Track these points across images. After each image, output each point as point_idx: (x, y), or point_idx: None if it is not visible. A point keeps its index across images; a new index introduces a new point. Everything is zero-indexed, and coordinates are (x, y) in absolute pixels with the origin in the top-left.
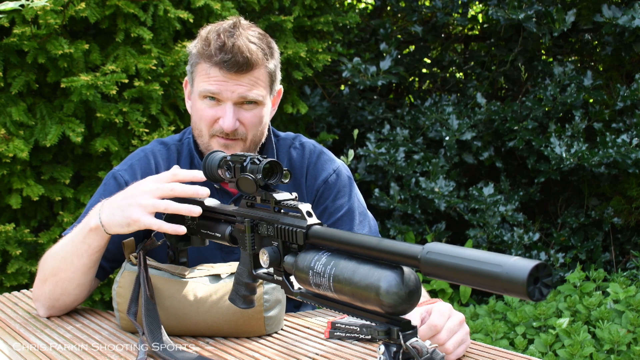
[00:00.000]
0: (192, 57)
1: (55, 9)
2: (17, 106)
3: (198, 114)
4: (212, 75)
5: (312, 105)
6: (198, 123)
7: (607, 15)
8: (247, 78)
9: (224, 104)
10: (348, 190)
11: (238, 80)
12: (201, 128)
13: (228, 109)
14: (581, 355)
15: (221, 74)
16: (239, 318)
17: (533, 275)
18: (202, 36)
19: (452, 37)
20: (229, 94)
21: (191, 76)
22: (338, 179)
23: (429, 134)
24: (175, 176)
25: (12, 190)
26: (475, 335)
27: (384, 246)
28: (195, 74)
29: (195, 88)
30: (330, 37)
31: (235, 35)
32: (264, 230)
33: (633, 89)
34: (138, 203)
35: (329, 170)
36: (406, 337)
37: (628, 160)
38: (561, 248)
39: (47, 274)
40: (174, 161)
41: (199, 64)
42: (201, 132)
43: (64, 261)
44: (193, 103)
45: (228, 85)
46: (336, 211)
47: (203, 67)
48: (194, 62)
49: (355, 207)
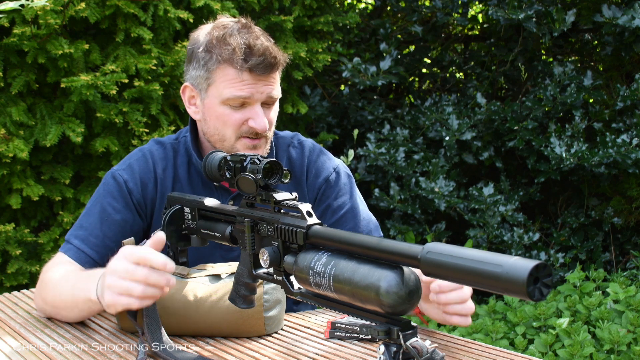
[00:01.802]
0: (208, 62)
1: (55, 9)
2: (17, 106)
3: (222, 119)
4: (242, 79)
5: (312, 105)
6: (221, 129)
7: (607, 15)
8: (271, 77)
9: (253, 105)
10: (349, 189)
11: (266, 81)
12: (225, 132)
13: (259, 110)
14: (581, 355)
15: (251, 77)
16: (239, 318)
17: (533, 275)
18: (218, 40)
19: (452, 37)
20: (258, 96)
21: (206, 82)
22: (339, 177)
23: (429, 134)
24: (145, 260)
25: (12, 190)
26: (475, 335)
27: (384, 246)
28: (215, 79)
29: (216, 93)
30: (330, 37)
31: (255, 36)
32: (264, 230)
33: (633, 89)
34: (107, 285)
35: (330, 169)
36: (406, 337)
37: (628, 160)
38: (561, 248)
39: (48, 301)
40: (170, 160)
41: (220, 69)
42: (225, 137)
43: (64, 303)
44: (209, 108)
45: (258, 87)
46: (339, 209)
47: (228, 73)
48: (212, 67)
49: (358, 204)
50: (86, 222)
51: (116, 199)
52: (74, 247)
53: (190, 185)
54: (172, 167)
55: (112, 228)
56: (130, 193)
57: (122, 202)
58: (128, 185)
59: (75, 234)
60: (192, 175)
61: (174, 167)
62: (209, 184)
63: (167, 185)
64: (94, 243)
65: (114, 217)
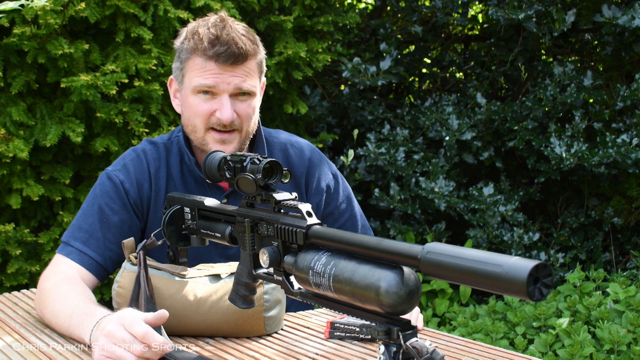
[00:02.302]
0: (181, 53)
1: (55, 9)
2: (17, 106)
3: (192, 109)
4: (207, 68)
5: (312, 105)
6: (192, 118)
7: (607, 15)
8: (241, 69)
9: (220, 96)
10: (347, 195)
11: (233, 71)
12: (195, 123)
13: (225, 101)
14: (581, 355)
15: (217, 66)
16: (239, 318)
17: (533, 275)
18: (190, 31)
19: (452, 37)
20: (224, 86)
21: (180, 73)
22: (337, 183)
23: (429, 134)
24: (145, 339)
25: (12, 190)
26: (475, 335)
27: (384, 246)
28: (187, 70)
29: (187, 84)
30: (330, 37)
31: (227, 28)
32: (264, 230)
33: (633, 89)
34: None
35: (329, 176)
36: (406, 337)
37: (628, 160)
38: (561, 248)
39: (45, 317)
40: (163, 160)
41: (191, 59)
42: (195, 128)
43: (59, 328)
44: (184, 99)
45: (224, 77)
46: (340, 217)
47: (196, 62)
48: (184, 57)
49: (357, 212)
50: (85, 223)
51: (113, 199)
52: (76, 250)
53: (184, 184)
54: (166, 166)
55: (111, 229)
56: (127, 193)
57: (119, 203)
58: (124, 186)
59: (75, 235)
60: (185, 174)
61: (167, 167)
62: (202, 183)
63: (161, 184)
64: (96, 245)
65: (112, 219)
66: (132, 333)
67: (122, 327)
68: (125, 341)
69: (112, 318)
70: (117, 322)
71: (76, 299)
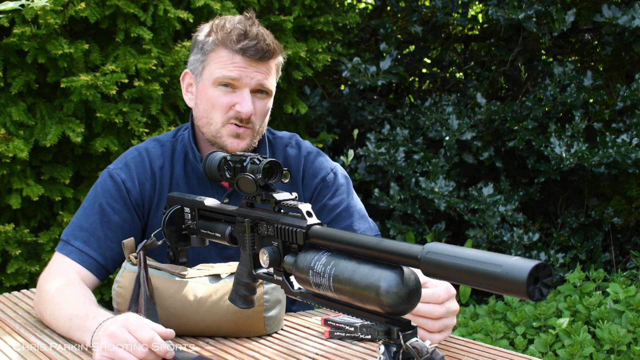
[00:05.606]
0: (205, 45)
1: (55, 9)
2: (17, 106)
3: (211, 101)
4: (233, 61)
5: (312, 105)
6: (210, 111)
7: (607, 15)
8: (264, 66)
9: (241, 90)
10: (346, 189)
11: (257, 67)
12: (213, 115)
13: (246, 95)
14: (581, 355)
15: (242, 60)
16: (239, 318)
17: (533, 275)
18: (217, 25)
19: (452, 37)
20: (247, 80)
21: (201, 65)
22: (335, 177)
23: (429, 134)
24: (150, 343)
25: (12, 190)
26: (475, 335)
27: (384, 246)
28: (209, 62)
29: (208, 75)
30: (330, 37)
31: (255, 25)
32: (264, 230)
33: (633, 89)
34: (102, 347)
35: (327, 169)
36: (406, 337)
37: (628, 160)
38: (561, 248)
39: (45, 318)
40: (168, 158)
41: (215, 51)
42: (212, 120)
43: (59, 330)
44: (201, 91)
45: (248, 72)
46: (334, 208)
47: (221, 54)
48: (208, 49)
49: (354, 204)
50: (85, 222)
51: (115, 198)
52: (76, 250)
53: (187, 182)
54: (170, 164)
55: (112, 229)
56: (129, 193)
57: (120, 202)
58: (126, 185)
59: (76, 234)
60: (188, 172)
61: (171, 165)
62: (205, 182)
63: (165, 183)
64: (97, 245)
65: (113, 218)
66: (137, 337)
67: (125, 330)
68: (128, 342)
69: (115, 320)
70: (121, 324)
71: (77, 301)
